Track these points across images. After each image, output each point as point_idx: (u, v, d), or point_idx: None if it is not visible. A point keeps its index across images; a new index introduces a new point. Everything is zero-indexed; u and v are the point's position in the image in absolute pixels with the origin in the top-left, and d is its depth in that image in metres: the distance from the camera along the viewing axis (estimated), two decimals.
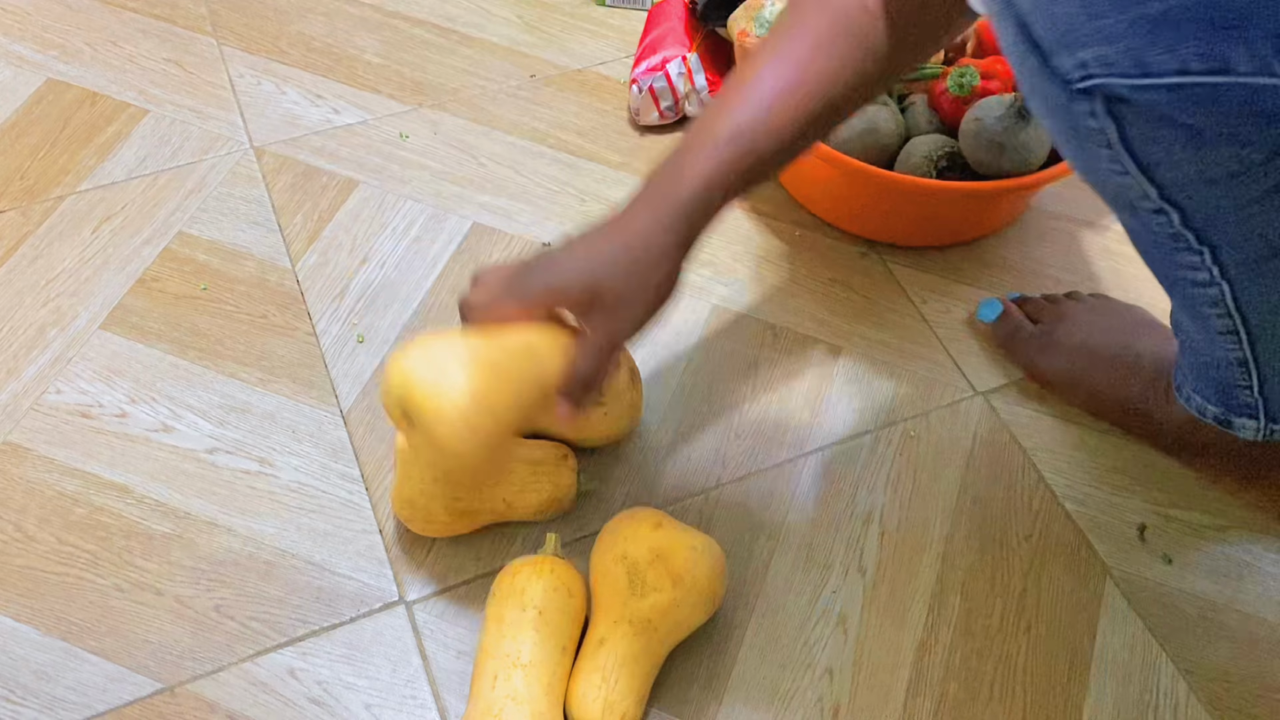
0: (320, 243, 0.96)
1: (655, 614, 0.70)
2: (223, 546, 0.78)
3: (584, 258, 0.67)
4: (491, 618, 0.71)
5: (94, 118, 1.04)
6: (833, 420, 0.87)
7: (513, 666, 0.68)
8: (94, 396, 0.85)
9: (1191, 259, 0.63)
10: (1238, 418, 0.75)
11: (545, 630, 0.69)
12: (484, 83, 1.10)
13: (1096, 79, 0.51)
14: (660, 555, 0.70)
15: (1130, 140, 0.54)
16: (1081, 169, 0.60)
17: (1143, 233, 0.63)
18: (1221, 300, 0.65)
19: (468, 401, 0.63)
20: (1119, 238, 1.01)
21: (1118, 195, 0.60)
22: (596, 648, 0.70)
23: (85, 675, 0.72)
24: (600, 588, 0.71)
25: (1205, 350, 0.72)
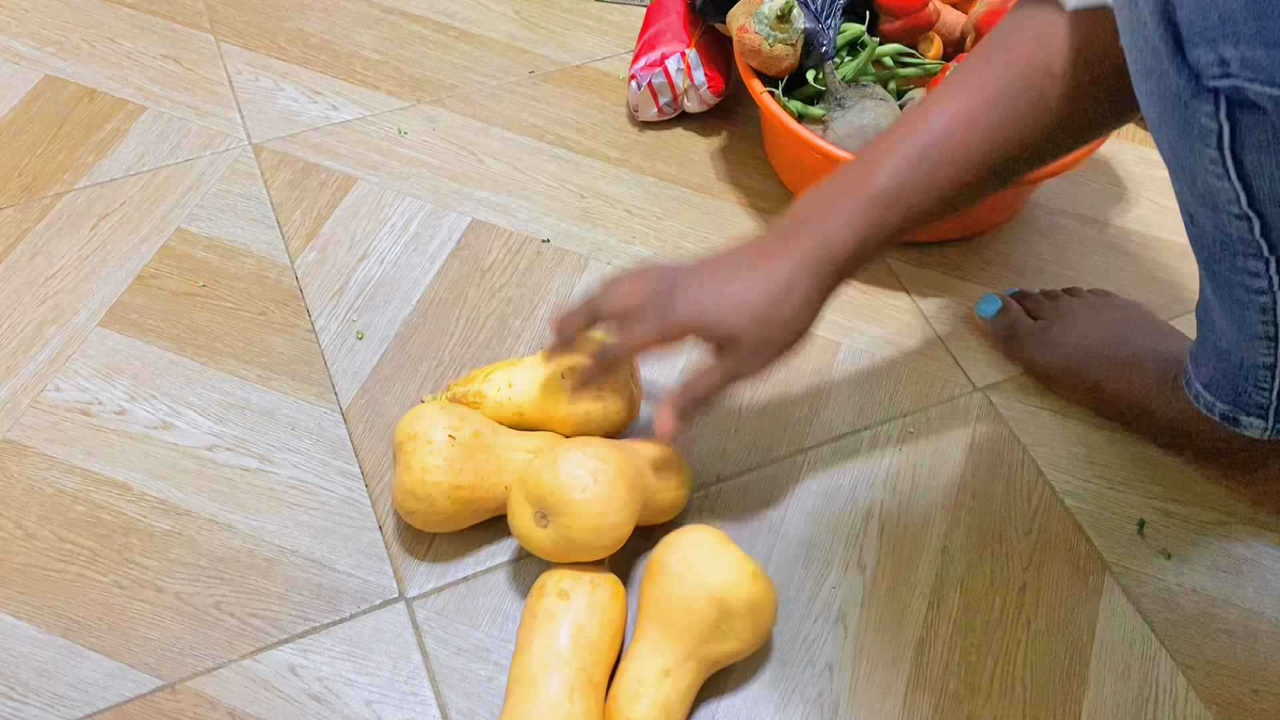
0: (319, 239, 0.96)
1: (725, 658, 0.70)
2: (223, 543, 0.78)
3: (733, 298, 0.68)
4: (544, 615, 0.70)
5: (92, 114, 1.04)
6: (832, 416, 0.87)
7: (571, 669, 0.67)
8: (93, 394, 0.85)
9: (1255, 265, 0.62)
10: (1246, 416, 0.75)
11: (603, 639, 0.69)
12: (482, 79, 1.10)
13: (1234, 80, 0.50)
14: (755, 608, 0.69)
15: (1241, 146, 0.54)
16: (1175, 161, 0.59)
17: (1213, 232, 0.62)
18: (1272, 308, 0.65)
19: (605, 518, 0.70)
20: (1118, 234, 1.01)
21: (1205, 194, 0.59)
22: (661, 678, 0.68)
23: (86, 672, 0.72)
24: (676, 615, 0.69)
25: (1233, 350, 0.71)
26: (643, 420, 0.86)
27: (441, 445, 0.73)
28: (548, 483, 0.70)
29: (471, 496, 0.75)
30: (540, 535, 0.72)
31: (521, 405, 0.79)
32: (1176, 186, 0.63)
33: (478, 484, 0.75)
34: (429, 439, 0.73)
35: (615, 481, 0.70)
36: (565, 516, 0.70)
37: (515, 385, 0.79)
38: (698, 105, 1.03)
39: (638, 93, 1.02)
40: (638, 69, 1.02)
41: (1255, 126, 0.52)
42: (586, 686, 0.67)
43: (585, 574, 0.71)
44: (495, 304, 0.92)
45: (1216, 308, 0.70)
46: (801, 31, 0.90)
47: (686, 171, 1.03)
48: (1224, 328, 0.71)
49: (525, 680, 0.67)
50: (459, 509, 0.75)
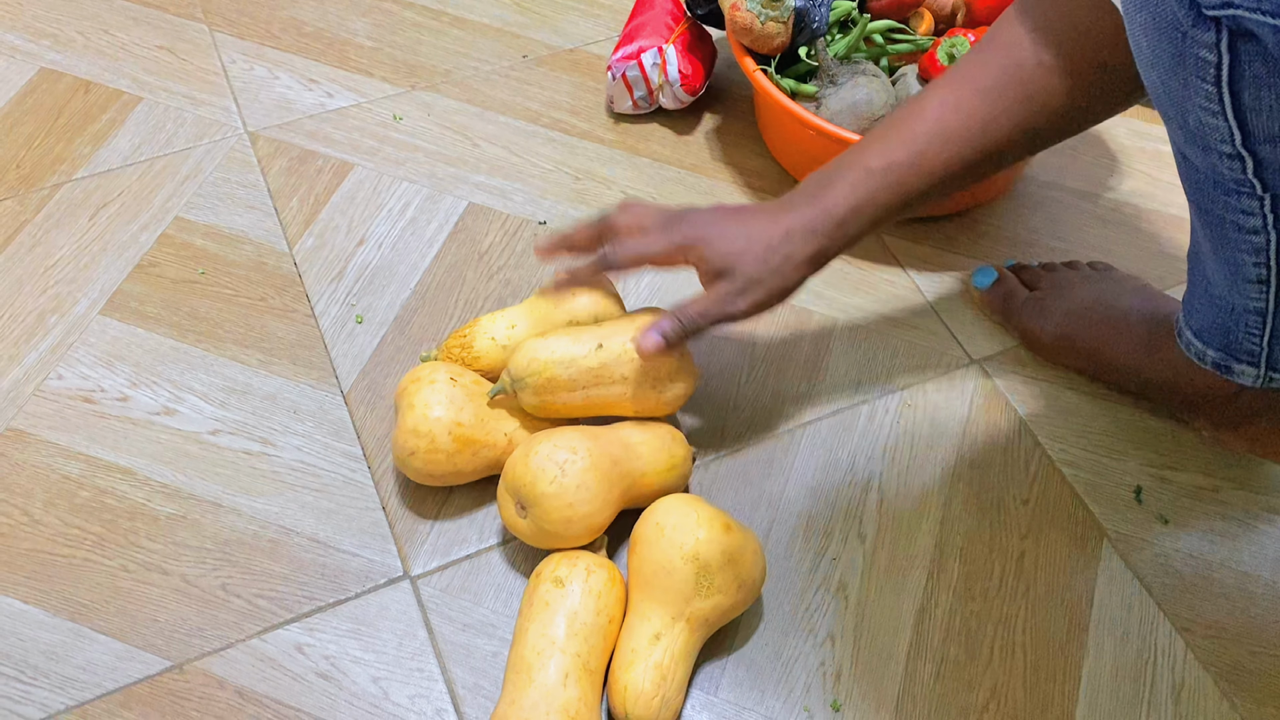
0: (317, 225, 0.96)
1: (715, 614, 0.70)
2: (228, 526, 0.79)
3: (735, 232, 0.74)
4: (539, 603, 0.70)
5: (88, 106, 1.04)
6: (830, 391, 0.88)
7: (565, 655, 0.68)
8: (95, 381, 0.86)
9: (1249, 204, 0.62)
10: (1238, 364, 0.75)
11: (599, 624, 0.69)
12: (476, 64, 1.10)
13: (1236, 9, 0.50)
14: (732, 559, 0.70)
15: (1238, 80, 0.54)
16: (1166, 98, 0.59)
17: (1205, 171, 0.63)
18: (1265, 249, 0.65)
19: (575, 508, 0.72)
20: (1112, 207, 1.01)
21: (1196, 131, 0.59)
22: (652, 643, 0.69)
23: (94, 655, 0.73)
24: (658, 580, 0.70)
25: (1223, 295, 0.72)
26: None
27: (443, 385, 0.76)
28: (520, 475, 0.72)
29: (472, 437, 0.76)
30: (521, 525, 0.74)
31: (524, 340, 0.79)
32: (1168, 126, 0.63)
33: (478, 425, 0.76)
34: (431, 379, 0.76)
35: (586, 472, 0.71)
36: (537, 508, 0.72)
37: (518, 326, 0.81)
38: (673, 103, 1.03)
39: (613, 84, 1.02)
40: (614, 60, 1.02)
41: (1254, 59, 0.52)
42: (582, 672, 0.67)
43: (581, 561, 0.72)
44: (493, 286, 0.93)
45: (1208, 251, 0.70)
46: (793, 9, 0.91)
47: (680, 152, 1.03)
48: (1215, 272, 0.71)
49: (521, 668, 0.68)
50: (459, 448, 0.75)
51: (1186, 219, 0.99)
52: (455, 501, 0.80)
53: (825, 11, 0.93)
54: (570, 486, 0.71)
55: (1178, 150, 0.65)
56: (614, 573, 0.72)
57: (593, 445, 0.73)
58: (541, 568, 0.72)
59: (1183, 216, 1.00)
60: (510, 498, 0.74)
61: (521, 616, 0.71)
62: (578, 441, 0.73)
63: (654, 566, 0.70)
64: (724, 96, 1.08)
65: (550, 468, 0.72)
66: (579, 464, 0.72)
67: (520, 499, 0.73)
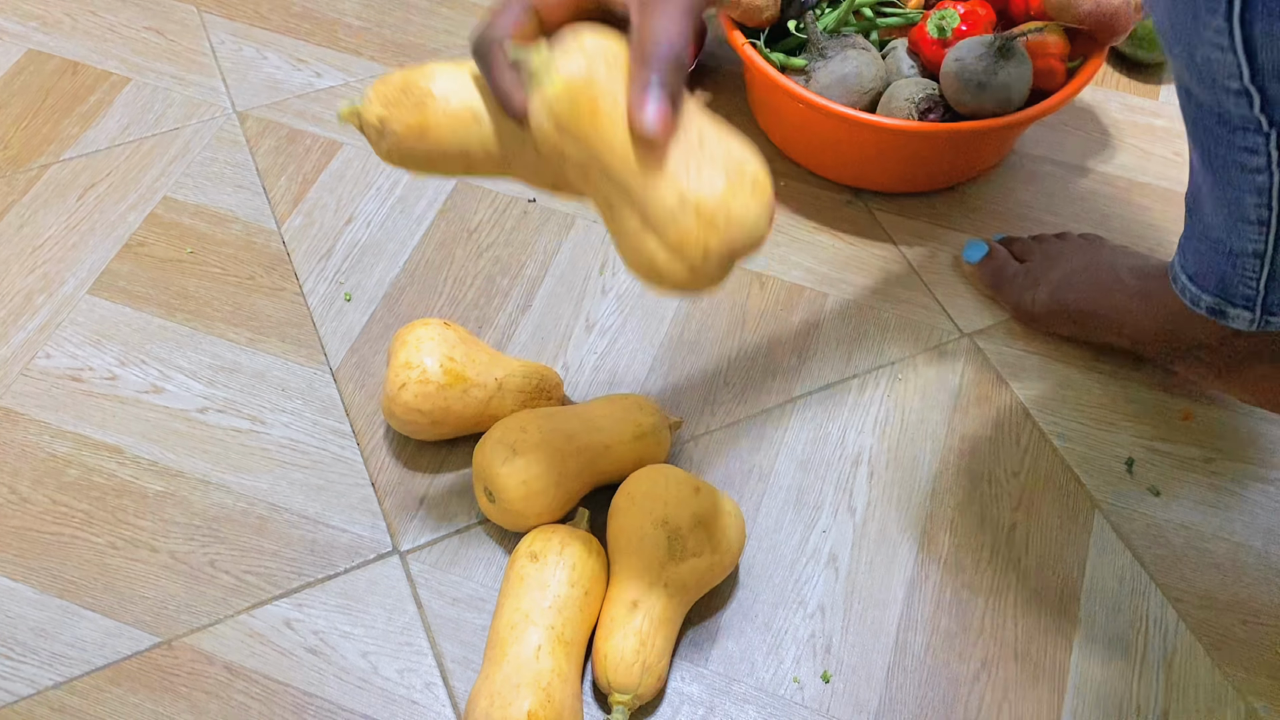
0: (305, 204, 0.96)
1: (692, 578, 0.70)
2: (216, 503, 0.79)
3: None
4: (515, 579, 0.70)
5: (76, 87, 1.04)
6: (821, 365, 0.87)
7: (538, 628, 0.68)
8: (84, 360, 0.85)
9: (1254, 141, 0.62)
10: (1233, 308, 0.74)
11: (573, 596, 0.69)
12: (465, 42, 1.09)
13: None
14: (702, 521, 0.70)
15: (1252, 13, 0.53)
16: (1173, 32, 0.59)
17: (1210, 108, 0.62)
18: (1267, 189, 0.65)
19: (529, 485, 0.73)
20: (1102, 180, 1.01)
21: (1203, 68, 0.59)
22: (630, 610, 0.69)
23: (83, 631, 0.73)
24: (632, 548, 0.70)
25: (1223, 237, 0.71)
26: (635, 374, 0.86)
27: (437, 327, 0.78)
28: (478, 460, 0.74)
29: (463, 374, 0.76)
30: (491, 509, 0.75)
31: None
32: (1173, 62, 0.62)
33: (469, 364, 0.77)
34: (426, 322, 0.78)
35: (536, 448, 0.72)
36: (496, 488, 0.73)
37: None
38: None
39: None
40: None
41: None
42: (556, 644, 0.67)
43: (556, 535, 0.71)
44: (483, 263, 0.92)
45: (1207, 192, 0.69)
46: None
47: None
48: (1214, 214, 0.70)
49: (497, 643, 0.68)
50: (450, 381, 0.76)
51: (1178, 192, 0.99)
52: (444, 477, 0.80)
53: None
54: (521, 465, 0.72)
55: (1182, 87, 0.64)
56: (591, 545, 0.72)
57: (544, 423, 0.74)
58: (520, 544, 0.72)
59: (1174, 190, 1.00)
60: (480, 484, 0.75)
61: (501, 592, 0.71)
62: (529, 421, 0.74)
63: (627, 535, 0.70)
64: (714, 72, 1.07)
65: (501, 449, 0.73)
66: (530, 440, 0.73)
67: (484, 483, 0.74)
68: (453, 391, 0.76)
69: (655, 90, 0.50)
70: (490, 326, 0.89)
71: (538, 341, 0.88)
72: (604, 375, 0.86)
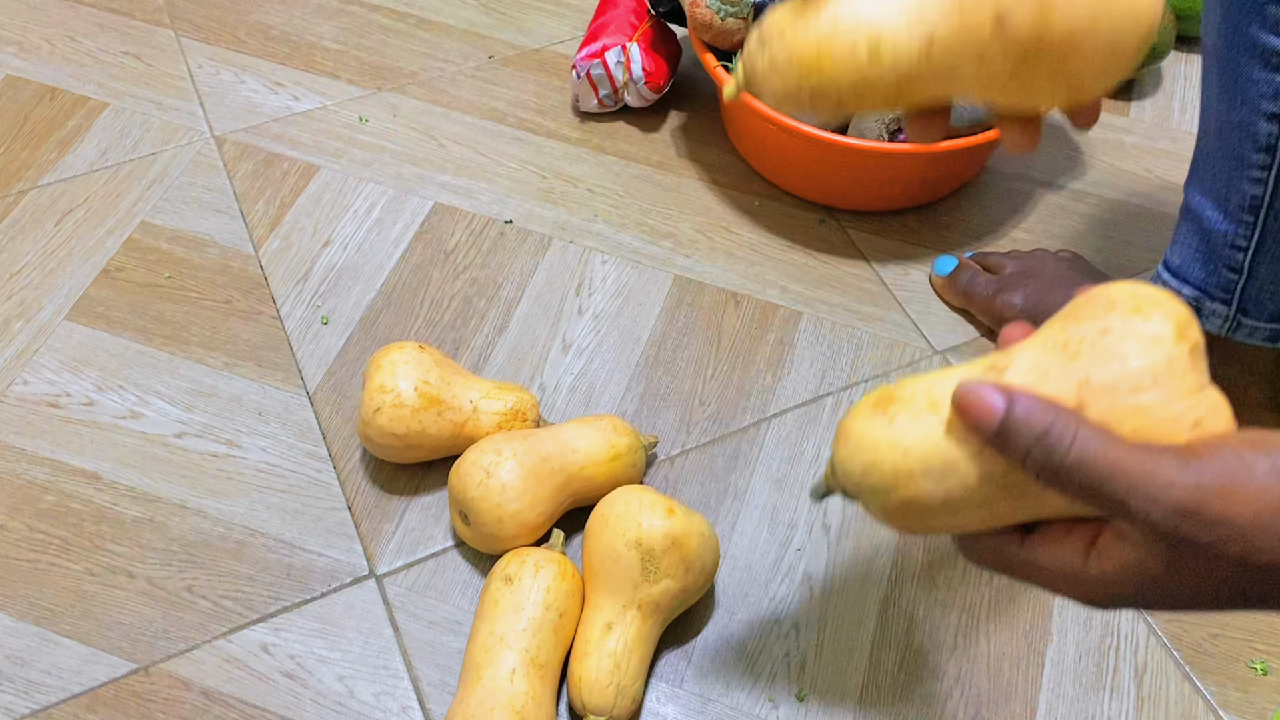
0: (282, 228, 0.96)
1: (665, 599, 0.71)
2: (193, 528, 0.79)
3: None
4: (490, 602, 0.71)
5: (54, 112, 1.04)
6: (795, 384, 0.88)
7: (512, 651, 0.68)
8: (61, 386, 0.86)
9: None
10: (1211, 301, 0.76)
11: (548, 619, 0.70)
12: (442, 65, 1.10)
13: None
14: (675, 542, 0.70)
15: None
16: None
17: (1240, 31, 0.65)
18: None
19: (504, 508, 0.73)
20: (1074, 197, 1.02)
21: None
22: (604, 632, 0.70)
23: (60, 658, 0.73)
24: (605, 569, 0.71)
25: (1218, 199, 0.74)
26: (611, 395, 0.86)
27: (411, 350, 0.78)
28: (453, 483, 0.75)
29: (437, 396, 0.77)
30: (467, 532, 0.76)
31: None
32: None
33: (443, 387, 0.78)
34: (401, 346, 0.79)
35: (511, 472, 0.73)
36: (471, 511, 0.74)
37: None
38: (638, 100, 1.03)
39: (578, 83, 1.02)
40: (579, 59, 1.02)
41: None
42: (530, 667, 0.68)
43: (530, 558, 0.72)
44: (459, 285, 0.93)
45: (1215, 128, 0.72)
46: (752, 5, 0.91)
47: (647, 149, 1.04)
48: (1218, 161, 0.73)
49: (471, 666, 0.69)
50: (424, 405, 0.77)
51: (1148, 209, 1.00)
52: (421, 500, 0.81)
53: None
54: (496, 487, 0.72)
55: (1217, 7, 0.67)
56: (566, 568, 0.72)
57: (520, 445, 0.74)
58: (495, 566, 0.73)
59: (1144, 206, 1.01)
60: (455, 507, 0.76)
61: (475, 615, 0.71)
62: (504, 444, 0.74)
63: (601, 557, 0.71)
64: (689, 93, 1.08)
65: (476, 472, 0.73)
66: (503, 464, 0.73)
67: (460, 506, 0.75)
68: (427, 415, 0.77)
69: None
70: (467, 348, 0.89)
71: (514, 362, 0.88)
72: (580, 395, 0.87)
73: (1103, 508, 0.38)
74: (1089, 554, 0.40)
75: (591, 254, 0.96)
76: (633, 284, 0.94)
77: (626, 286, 0.94)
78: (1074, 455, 0.38)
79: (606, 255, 0.96)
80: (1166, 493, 0.36)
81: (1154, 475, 0.37)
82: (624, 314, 0.92)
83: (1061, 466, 0.38)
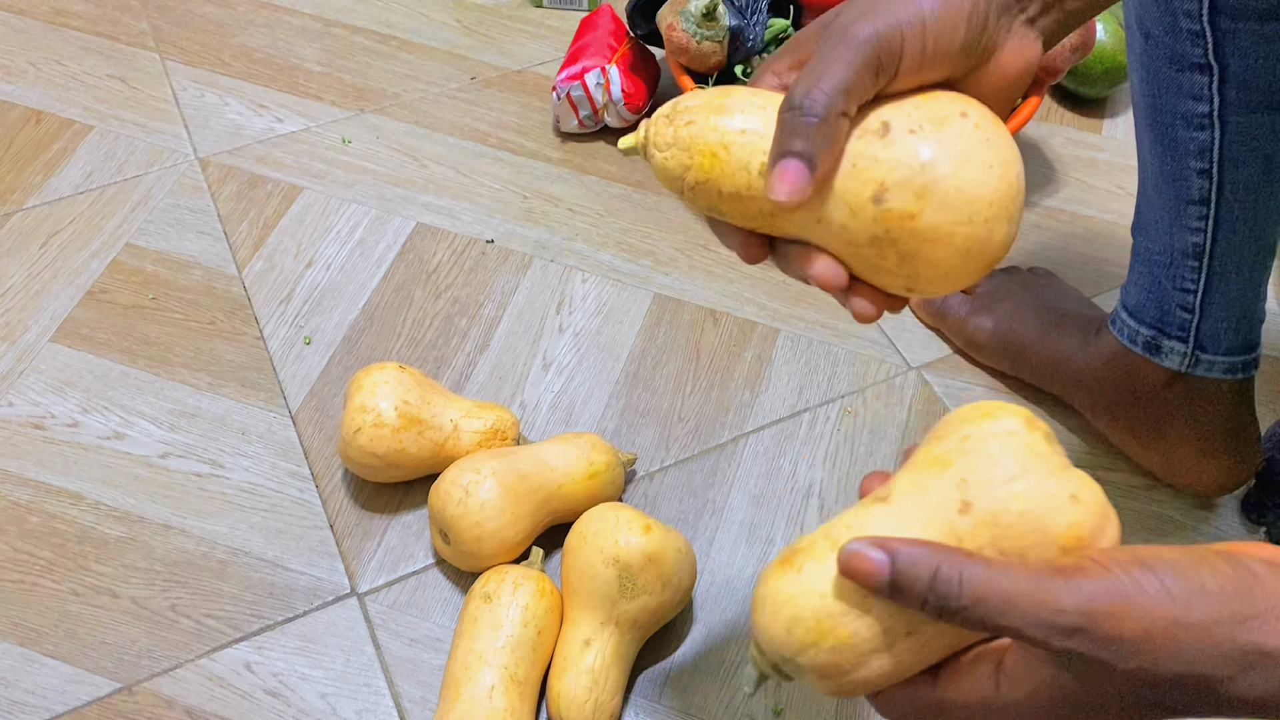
0: (266, 249, 0.97)
1: (643, 615, 0.72)
2: (177, 548, 0.80)
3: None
4: (469, 619, 0.72)
5: (39, 135, 1.05)
6: (772, 400, 0.89)
7: (491, 668, 0.69)
8: (46, 408, 0.86)
9: (1200, 84, 0.67)
10: (1168, 340, 0.78)
11: (526, 635, 0.71)
12: (425, 86, 1.12)
13: None
14: (653, 559, 0.71)
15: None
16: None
17: (1164, 47, 0.67)
18: (1209, 149, 0.69)
19: (483, 526, 0.74)
20: (1047, 213, 1.03)
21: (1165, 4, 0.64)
22: (583, 649, 0.70)
23: (43, 678, 0.74)
24: (584, 586, 0.71)
25: (1162, 245, 0.75)
26: (590, 412, 0.88)
27: (392, 370, 0.80)
28: (433, 502, 0.76)
29: (418, 416, 0.78)
30: (447, 550, 0.77)
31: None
32: (1134, 8, 0.67)
33: (424, 406, 0.79)
34: (381, 366, 0.80)
35: (490, 490, 0.74)
36: (450, 529, 0.75)
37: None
38: (618, 121, 1.04)
39: (558, 104, 1.04)
40: (559, 80, 1.03)
41: None
42: (509, 684, 0.69)
43: (510, 575, 0.73)
44: (441, 304, 0.94)
45: (1153, 175, 0.74)
46: (727, 28, 0.93)
47: (627, 169, 1.05)
48: (1159, 203, 0.74)
49: (451, 683, 0.70)
50: (405, 425, 0.78)
51: (1121, 224, 1.02)
52: (402, 518, 0.82)
53: (760, 30, 0.95)
54: (475, 506, 0.74)
55: (1141, 31, 0.69)
56: (545, 585, 0.73)
57: (499, 464, 0.75)
58: (474, 584, 0.74)
59: (1117, 222, 1.02)
60: (436, 526, 0.77)
61: (455, 633, 0.72)
62: (483, 462, 0.75)
63: (579, 574, 0.71)
64: None
65: (455, 491, 0.74)
66: (482, 483, 0.74)
67: (440, 525, 0.76)
68: (408, 434, 0.78)
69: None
70: (448, 367, 0.90)
71: (495, 381, 0.90)
72: (561, 413, 0.88)
73: (1004, 636, 0.40)
74: (998, 678, 0.41)
75: (572, 272, 0.97)
76: (613, 302, 0.95)
77: (606, 304, 0.95)
78: (966, 595, 0.39)
79: (587, 274, 0.97)
80: (1057, 618, 0.37)
81: (1044, 602, 0.38)
82: (604, 332, 0.93)
83: (958, 608, 0.39)
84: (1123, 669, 0.37)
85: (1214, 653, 0.37)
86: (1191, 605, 0.37)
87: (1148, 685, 0.38)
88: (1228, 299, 0.76)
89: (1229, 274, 0.75)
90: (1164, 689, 0.38)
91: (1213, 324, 0.76)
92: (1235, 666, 0.37)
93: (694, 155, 0.46)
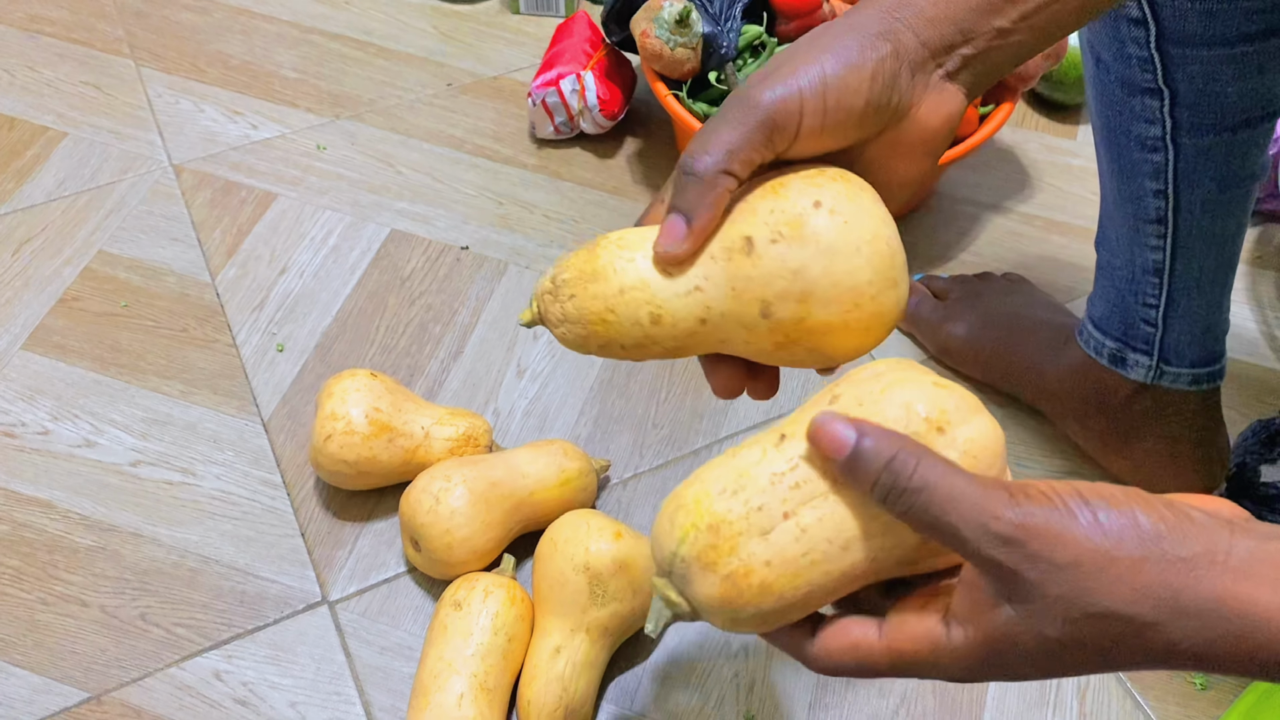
0: (239, 255, 0.97)
1: (614, 622, 0.72)
2: (147, 556, 0.79)
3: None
4: (439, 627, 0.71)
5: (12, 142, 1.05)
6: (746, 406, 0.89)
7: (461, 676, 0.69)
8: (16, 416, 0.86)
9: (1150, 106, 0.68)
10: (1133, 353, 0.78)
11: (496, 643, 0.71)
12: (401, 93, 1.11)
13: None
14: (623, 566, 0.71)
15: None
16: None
17: (1118, 74, 0.68)
18: (1164, 170, 0.70)
19: (453, 534, 0.74)
20: (1022, 220, 1.04)
21: (1113, 34, 0.66)
22: (553, 656, 0.70)
23: (10, 688, 0.73)
24: (554, 593, 0.72)
25: (1123, 261, 0.76)
26: (565, 419, 0.87)
27: (364, 378, 0.80)
28: (404, 509, 0.76)
29: (388, 423, 0.78)
30: (418, 558, 0.77)
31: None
32: (1088, 32, 0.69)
33: (394, 414, 0.79)
34: (353, 373, 0.80)
35: (460, 498, 0.74)
36: (421, 537, 0.75)
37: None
38: (593, 127, 1.04)
39: (534, 110, 1.04)
40: (535, 87, 1.03)
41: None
42: (479, 692, 0.68)
43: (480, 583, 0.73)
44: (415, 311, 0.94)
45: (1111, 196, 0.74)
46: (700, 35, 0.93)
47: (602, 176, 1.05)
48: (1119, 221, 0.75)
49: (420, 692, 0.69)
50: (375, 432, 0.78)
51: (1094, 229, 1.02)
52: (374, 526, 0.81)
53: (734, 36, 0.95)
54: (445, 514, 0.73)
55: (1093, 56, 0.70)
56: (515, 593, 0.73)
57: (470, 471, 0.75)
58: (445, 592, 0.73)
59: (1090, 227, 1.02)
60: (407, 534, 0.77)
61: (425, 641, 0.72)
62: (454, 470, 0.75)
63: (550, 581, 0.71)
64: (645, 120, 1.10)
65: (425, 499, 0.74)
66: (453, 490, 0.74)
67: (410, 533, 0.76)
68: (378, 441, 0.78)
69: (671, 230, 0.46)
70: (422, 374, 0.90)
71: (469, 388, 0.89)
72: (535, 420, 0.88)
73: (939, 536, 0.39)
74: (948, 622, 0.40)
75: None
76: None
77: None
78: (916, 480, 0.39)
79: None
80: (993, 524, 0.38)
81: (985, 508, 0.38)
82: None
83: (906, 491, 0.39)
84: (1054, 594, 0.37)
85: (1142, 592, 0.37)
86: (1123, 540, 0.37)
87: (1076, 620, 0.38)
88: (1190, 313, 0.76)
89: (1190, 290, 0.76)
90: (1093, 625, 0.38)
91: (1176, 337, 0.77)
92: (1164, 611, 0.37)
93: (587, 325, 0.47)
